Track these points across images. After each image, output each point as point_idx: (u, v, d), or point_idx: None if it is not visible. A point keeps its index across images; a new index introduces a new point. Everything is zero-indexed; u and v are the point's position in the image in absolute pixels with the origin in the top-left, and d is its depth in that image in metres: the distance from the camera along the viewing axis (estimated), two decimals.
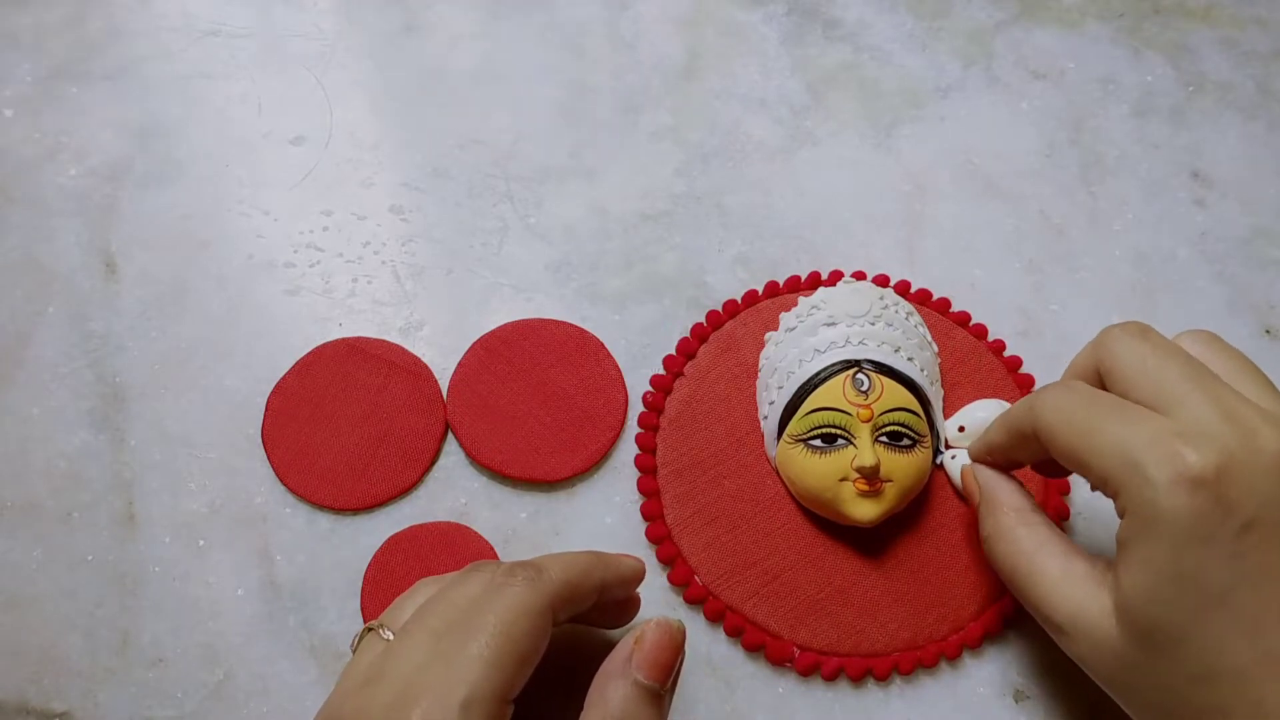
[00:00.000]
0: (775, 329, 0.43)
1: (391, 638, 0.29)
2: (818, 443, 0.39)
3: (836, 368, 0.40)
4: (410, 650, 0.27)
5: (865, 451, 0.38)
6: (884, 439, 0.38)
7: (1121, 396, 0.31)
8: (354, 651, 0.31)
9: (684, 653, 0.30)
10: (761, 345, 0.44)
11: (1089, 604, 0.31)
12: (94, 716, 0.38)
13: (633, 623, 0.35)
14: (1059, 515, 0.41)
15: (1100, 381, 0.33)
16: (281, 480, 0.41)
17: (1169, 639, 0.29)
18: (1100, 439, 0.30)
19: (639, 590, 0.35)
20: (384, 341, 0.44)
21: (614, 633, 0.35)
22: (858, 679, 0.38)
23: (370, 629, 0.30)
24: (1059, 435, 0.32)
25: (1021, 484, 0.37)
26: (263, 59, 0.52)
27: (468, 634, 0.27)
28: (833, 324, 0.41)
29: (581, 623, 0.34)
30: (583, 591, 0.30)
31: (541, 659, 0.28)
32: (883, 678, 0.39)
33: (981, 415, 0.41)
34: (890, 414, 0.38)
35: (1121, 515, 0.30)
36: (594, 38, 0.53)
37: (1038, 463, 0.36)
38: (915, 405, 0.39)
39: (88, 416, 0.43)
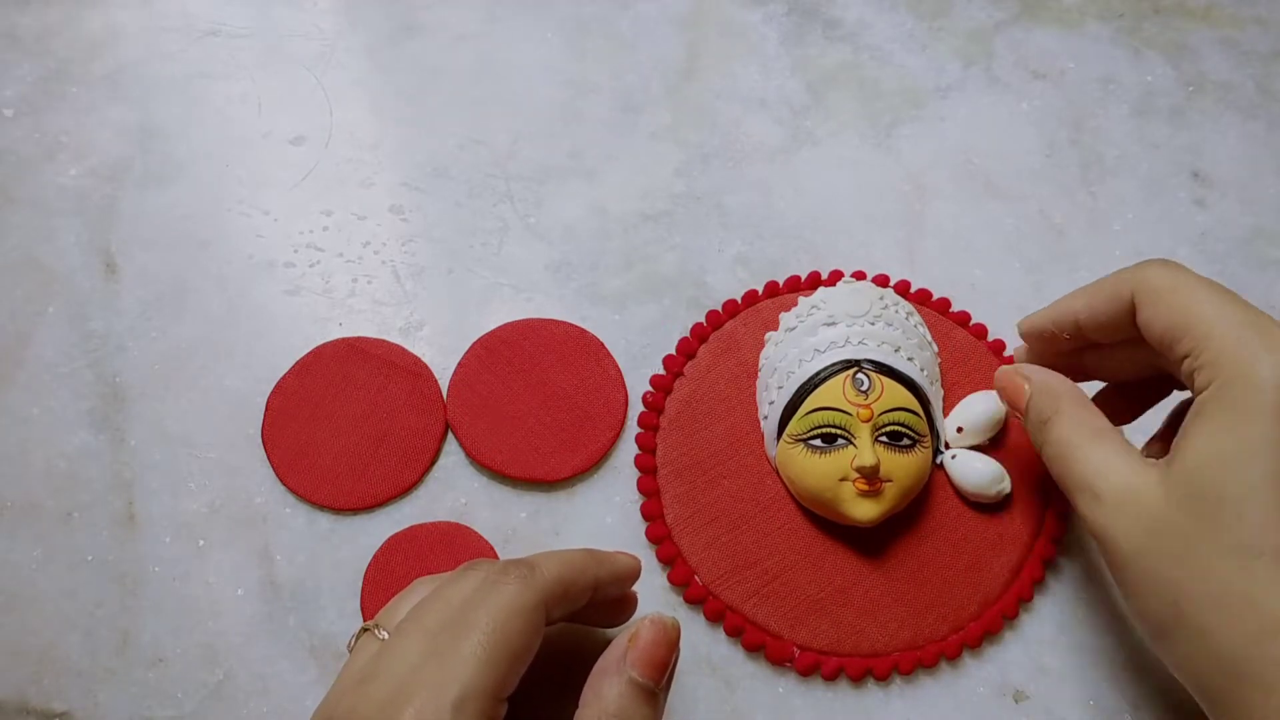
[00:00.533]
0: (775, 329, 0.43)
1: (387, 637, 0.29)
2: (818, 443, 0.39)
3: (836, 368, 0.39)
4: (404, 649, 0.27)
5: (865, 451, 0.38)
6: (884, 439, 0.38)
7: (1170, 319, 0.32)
8: (350, 651, 0.31)
9: (679, 650, 0.30)
10: (761, 345, 0.44)
11: (1139, 475, 0.32)
12: (94, 716, 0.38)
13: (629, 621, 0.35)
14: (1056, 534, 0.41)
15: (1126, 306, 0.34)
16: (281, 480, 0.42)
17: (1222, 507, 0.29)
18: (1207, 309, 0.31)
19: (635, 588, 0.35)
20: (384, 341, 0.44)
21: (610, 631, 0.35)
22: (858, 679, 0.38)
23: (366, 629, 0.30)
24: (1164, 299, 0.33)
25: None
26: (263, 59, 0.52)
27: (461, 632, 0.27)
28: (833, 324, 0.41)
29: (578, 621, 0.34)
30: (577, 589, 0.30)
31: (537, 657, 0.28)
32: (883, 678, 0.38)
33: (979, 409, 0.41)
34: (890, 414, 0.38)
35: (1203, 388, 0.31)
36: (594, 38, 0.53)
37: (1077, 359, 0.38)
38: (915, 405, 0.39)
39: (88, 416, 0.43)
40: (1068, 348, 0.38)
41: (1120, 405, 0.39)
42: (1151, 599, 0.31)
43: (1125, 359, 0.37)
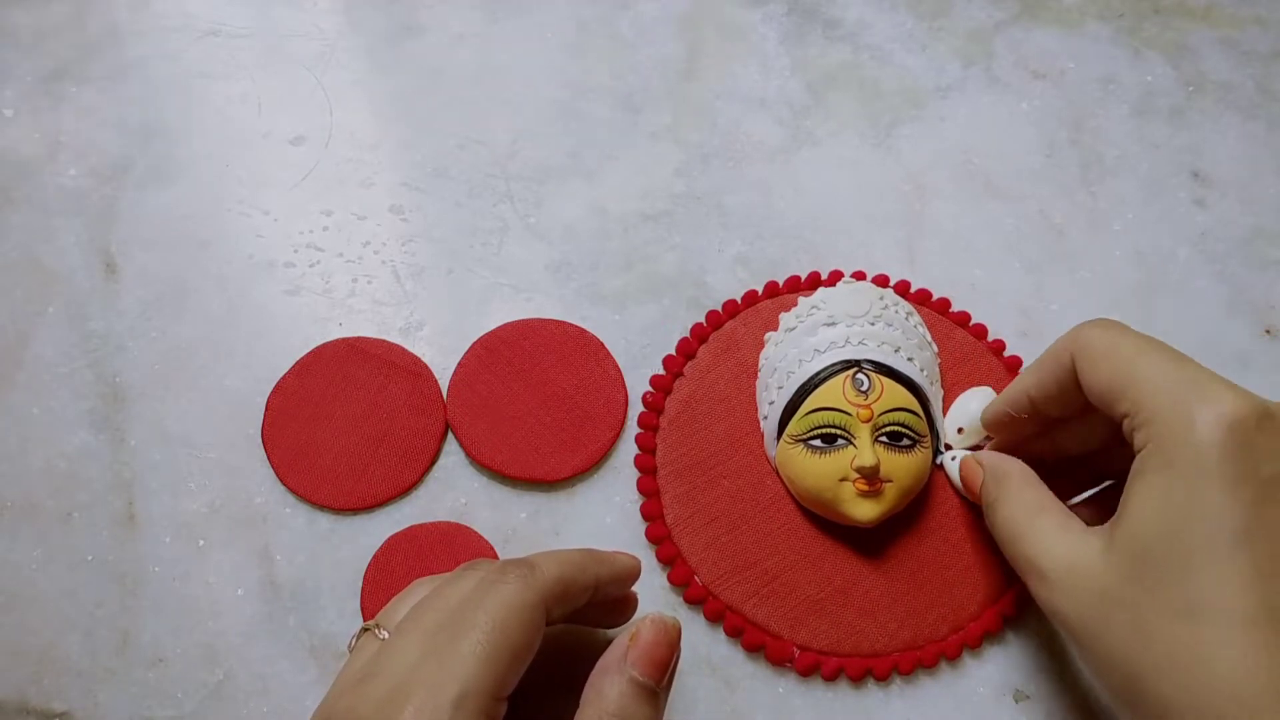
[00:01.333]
0: (775, 329, 0.43)
1: (387, 637, 0.29)
2: (818, 443, 0.39)
3: (836, 368, 0.40)
4: (404, 648, 0.27)
5: (865, 451, 0.38)
6: (884, 439, 0.38)
7: (1109, 378, 0.32)
8: (350, 651, 0.31)
9: (680, 650, 0.30)
10: (761, 345, 0.44)
11: (1081, 548, 0.32)
12: (94, 716, 0.38)
13: (629, 621, 0.35)
14: None
15: (1070, 372, 0.34)
16: (281, 480, 0.42)
17: (1166, 570, 0.29)
18: (1143, 367, 0.31)
19: (635, 588, 0.35)
20: (384, 341, 0.44)
21: (611, 631, 0.35)
22: (858, 679, 0.38)
23: (366, 629, 0.30)
24: (1102, 359, 0.32)
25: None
26: (263, 59, 0.52)
27: (460, 631, 0.27)
28: (832, 324, 0.41)
29: (578, 621, 0.34)
30: (576, 588, 0.30)
31: (537, 657, 0.28)
32: (883, 678, 0.38)
33: (975, 406, 0.41)
34: (890, 414, 0.38)
35: (1142, 447, 0.30)
36: (594, 38, 0.53)
37: (1036, 437, 0.38)
38: (915, 405, 0.39)
39: (88, 416, 0.43)
40: (1031, 430, 0.38)
41: (1095, 473, 0.39)
42: (1111, 674, 0.31)
43: (1091, 427, 0.37)
